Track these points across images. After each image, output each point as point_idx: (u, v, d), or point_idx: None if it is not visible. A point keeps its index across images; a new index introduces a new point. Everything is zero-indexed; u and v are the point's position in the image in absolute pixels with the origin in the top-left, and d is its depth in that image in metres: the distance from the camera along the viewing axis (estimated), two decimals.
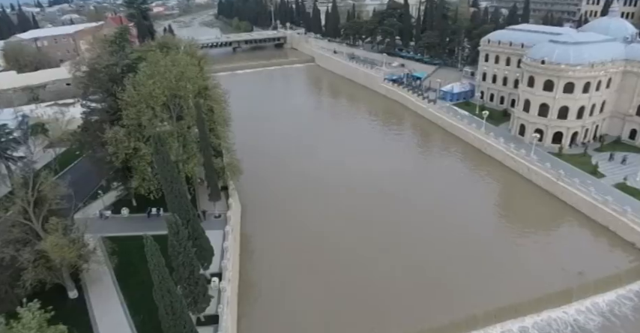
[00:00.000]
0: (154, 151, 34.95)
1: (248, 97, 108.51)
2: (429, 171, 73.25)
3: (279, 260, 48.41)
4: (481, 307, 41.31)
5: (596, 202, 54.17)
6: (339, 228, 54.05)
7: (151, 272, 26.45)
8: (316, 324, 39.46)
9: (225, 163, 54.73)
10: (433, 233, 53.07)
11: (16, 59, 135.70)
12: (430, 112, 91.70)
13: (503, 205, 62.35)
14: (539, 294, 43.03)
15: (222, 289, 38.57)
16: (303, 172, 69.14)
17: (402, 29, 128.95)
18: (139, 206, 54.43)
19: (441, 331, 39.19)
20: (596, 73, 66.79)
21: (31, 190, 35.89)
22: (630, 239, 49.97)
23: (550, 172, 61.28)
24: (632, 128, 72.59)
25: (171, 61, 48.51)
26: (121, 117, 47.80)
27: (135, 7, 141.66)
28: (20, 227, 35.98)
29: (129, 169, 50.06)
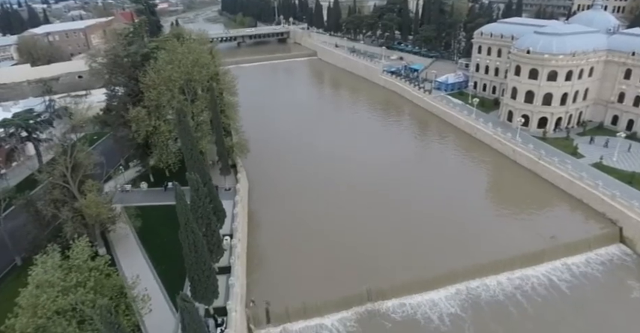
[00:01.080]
0: (176, 122, 40.84)
1: (253, 89, 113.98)
2: (423, 153, 79.18)
3: (282, 227, 54.36)
4: (462, 264, 47.06)
5: (572, 178, 59.79)
6: (338, 201, 59.98)
7: (178, 215, 32.25)
8: (315, 277, 45.25)
9: (234, 142, 60.56)
10: (423, 204, 59.01)
11: (30, 53, 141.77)
12: (426, 102, 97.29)
13: (489, 183, 68.02)
14: (514, 255, 48.76)
15: (234, 246, 44.43)
16: (306, 155, 75.13)
17: (401, 23, 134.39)
18: (156, 181, 60.44)
19: (426, 284, 45.04)
20: (578, 62, 72.20)
21: (69, 157, 41.80)
22: (601, 210, 55.53)
23: (532, 153, 66.91)
24: (614, 114, 77.98)
25: (187, 49, 54.36)
26: (142, 99, 53.72)
27: (143, 2, 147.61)
28: (59, 189, 41.94)
29: (148, 147, 56.00)
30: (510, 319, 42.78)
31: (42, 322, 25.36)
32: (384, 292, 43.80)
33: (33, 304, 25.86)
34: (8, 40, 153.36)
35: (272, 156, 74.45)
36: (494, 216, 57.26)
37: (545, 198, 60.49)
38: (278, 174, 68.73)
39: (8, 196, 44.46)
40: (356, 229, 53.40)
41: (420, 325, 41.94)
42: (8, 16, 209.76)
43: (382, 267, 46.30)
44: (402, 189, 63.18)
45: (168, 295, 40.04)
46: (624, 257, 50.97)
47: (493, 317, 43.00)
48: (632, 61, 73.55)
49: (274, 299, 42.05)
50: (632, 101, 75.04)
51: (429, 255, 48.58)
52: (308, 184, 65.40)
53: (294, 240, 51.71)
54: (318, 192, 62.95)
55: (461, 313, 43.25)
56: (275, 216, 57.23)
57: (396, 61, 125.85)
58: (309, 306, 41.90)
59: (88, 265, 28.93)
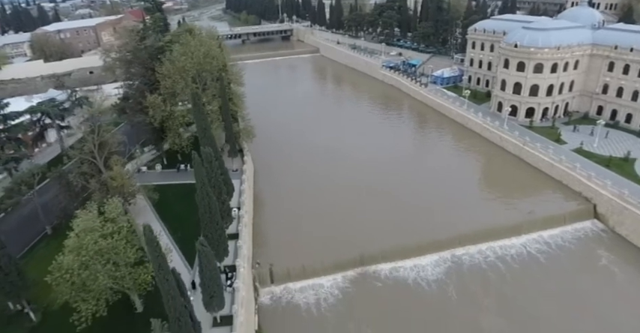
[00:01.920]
0: (192, 104, 46.38)
1: (258, 84, 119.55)
2: (417, 140, 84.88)
3: (284, 203, 60.45)
4: (447, 234, 52.42)
5: (553, 161, 64.99)
6: (336, 179, 65.86)
7: (196, 179, 37.65)
8: (314, 244, 50.72)
9: (240, 128, 66.14)
10: (415, 183, 64.87)
11: (42, 50, 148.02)
12: (422, 94, 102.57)
13: (477, 166, 73.13)
14: (495, 227, 54.07)
15: (241, 216, 49.95)
16: (308, 142, 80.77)
17: (401, 21, 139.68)
18: (169, 164, 66.09)
19: (414, 251, 50.44)
20: (562, 55, 77.26)
21: (96, 135, 47.45)
22: (578, 189, 60.69)
23: (518, 139, 72.12)
24: (598, 105, 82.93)
25: (198, 42, 60.00)
26: (158, 87, 59.39)
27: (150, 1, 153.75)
28: (88, 164, 47.63)
29: (163, 131, 61.67)
30: (489, 283, 48.06)
31: (85, 260, 30.96)
32: (375, 257, 49.26)
33: (77, 247, 31.43)
34: (22, 38, 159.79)
35: (276, 144, 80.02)
36: (479, 194, 62.74)
37: (528, 179, 65.72)
38: (281, 159, 74.35)
39: (41, 171, 50.16)
40: (352, 203, 59.12)
41: (407, 286, 47.34)
42: (19, 15, 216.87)
43: (374, 235, 51.77)
44: (396, 170, 68.86)
45: (183, 256, 45.55)
46: (597, 231, 56.18)
47: (474, 281, 48.30)
48: (615, 55, 78.44)
49: (277, 262, 47.65)
50: (615, 92, 79.93)
51: (417, 226, 54.00)
52: (309, 166, 71.06)
53: (296, 213, 57.36)
54: (318, 173, 68.64)
55: (445, 277, 48.62)
56: (278, 193, 62.88)
57: (395, 57, 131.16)
58: (308, 268, 47.42)
59: (120, 219, 34.53)
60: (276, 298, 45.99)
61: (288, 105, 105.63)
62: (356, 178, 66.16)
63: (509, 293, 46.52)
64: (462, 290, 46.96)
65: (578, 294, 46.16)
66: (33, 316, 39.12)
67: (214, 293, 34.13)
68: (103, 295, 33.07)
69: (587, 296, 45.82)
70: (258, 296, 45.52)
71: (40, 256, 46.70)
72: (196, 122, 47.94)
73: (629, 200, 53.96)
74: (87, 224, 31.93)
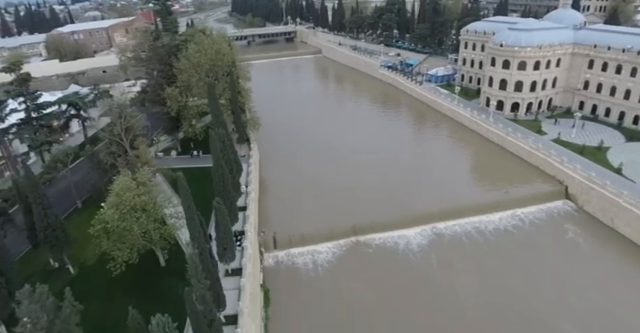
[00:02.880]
0: (208, 94, 53.87)
1: (263, 83, 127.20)
2: (410, 132, 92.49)
3: (287, 182, 68.16)
4: (431, 210, 59.46)
5: (531, 149, 72.00)
6: (333, 165, 73.22)
7: (211, 152, 44.93)
8: (312, 216, 57.97)
9: (247, 119, 73.58)
10: (405, 167, 72.50)
11: (57, 50, 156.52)
12: (416, 92, 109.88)
13: (463, 154, 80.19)
14: (475, 204, 61.05)
15: (249, 192, 57.22)
16: (310, 134, 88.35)
17: (399, 23, 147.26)
18: (183, 151, 73.54)
19: (401, 223, 57.53)
20: (544, 54, 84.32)
21: (123, 120, 54.94)
22: (552, 173, 67.65)
23: (501, 130, 79.19)
24: (580, 100, 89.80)
25: (211, 41, 67.64)
26: (175, 81, 67.00)
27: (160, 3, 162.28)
28: (116, 145, 55.12)
29: (178, 120, 69.21)
30: (466, 252, 54.90)
31: (123, 213, 38.32)
32: (366, 228, 56.40)
33: (117, 203, 38.76)
34: (37, 38, 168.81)
35: (280, 136, 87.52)
36: (463, 177, 69.99)
37: (509, 165, 72.77)
38: (285, 148, 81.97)
39: (73, 152, 57.75)
40: (347, 183, 66.73)
41: (394, 253, 54.35)
42: (32, 17, 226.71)
43: (367, 209, 59.05)
44: (389, 156, 76.42)
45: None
46: (567, 209, 63.05)
47: (453, 250, 55.20)
48: (595, 53, 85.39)
49: (280, 231, 54.91)
50: (595, 88, 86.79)
51: (405, 202, 61.19)
52: (310, 153, 78.80)
53: (296, 192, 64.96)
54: (318, 159, 76.58)
55: (427, 246, 55.59)
56: (280, 176, 70.50)
57: (393, 57, 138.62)
58: (307, 236, 54.62)
59: (149, 183, 41.93)
60: (279, 261, 53.22)
61: (292, 101, 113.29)
62: (352, 163, 73.74)
63: (483, 261, 53.27)
64: (441, 258, 53.81)
65: (544, 261, 52.88)
66: (72, 270, 46.45)
67: (227, 246, 41.32)
68: (136, 245, 40.34)
69: (552, 263, 52.52)
70: (262, 259, 52.69)
71: (74, 226, 54.09)
72: (210, 108, 55.42)
73: (595, 182, 60.82)
74: (124, 184, 39.31)
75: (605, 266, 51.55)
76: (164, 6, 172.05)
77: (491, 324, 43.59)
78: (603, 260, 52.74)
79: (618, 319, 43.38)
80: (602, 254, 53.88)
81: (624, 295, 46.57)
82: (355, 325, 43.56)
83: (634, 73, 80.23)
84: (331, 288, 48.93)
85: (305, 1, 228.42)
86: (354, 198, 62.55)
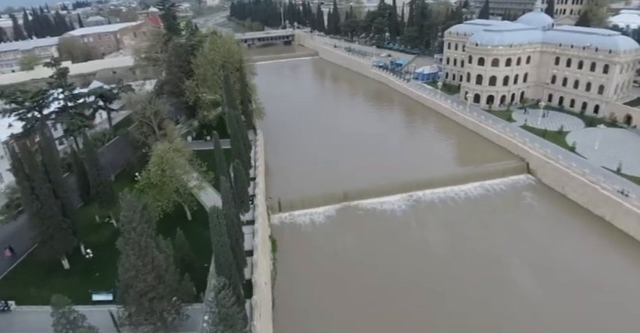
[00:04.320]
0: (224, 83, 65.92)
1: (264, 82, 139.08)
2: (397, 121, 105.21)
3: (288, 159, 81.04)
4: (410, 180, 71.47)
5: (499, 133, 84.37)
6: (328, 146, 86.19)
7: (228, 128, 56.80)
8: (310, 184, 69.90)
9: (253, 108, 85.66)
10: (390, 146, 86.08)
11: (69, 52, 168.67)
12: (404, 88, 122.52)
13: (442, 139, 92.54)
14: (449, 177, 73.13)
15: (257, 166, 69.09)
16: (308, 125, 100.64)
17: (390, 26, 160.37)
18: (198, 136, 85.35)
19: (385, 191, 69.44)
20: (515, 52, 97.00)
21: (152, 105, 66.84)
22: (516, 153, 79.89)
23: (476, 118, 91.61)
24: (549, 93, 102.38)
25: (223, 41, 79.97)
26: (192, 75, 79.09)
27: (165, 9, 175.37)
28: (146, 125, 66.97)
29: (194, 109, 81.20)
30: (439, 214, 66.82)
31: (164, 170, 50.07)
32: (356, 195, 68.33)
33: (159, 162, 50.48)
34: (49, 41, 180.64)
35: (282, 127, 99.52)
36: (441, 155, 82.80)
37: (481, 147, 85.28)
38: (286, 135, 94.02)
39: (108, 133, 69.60)
40: (340, 159, 79.95)
41: (378, 214, 66.25)
42: (40, 21, 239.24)
43: (356, 178, 71.34)
44: (377, 139, 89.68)
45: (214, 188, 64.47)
46: (528, 181, 75.26)
47: (428, 212, 67.11)
48: (560, 51, 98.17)
49: (283, 197, 66.75)
50: (561, 82, 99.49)
51: (389, 175, 73.26)
52: (308, 139, 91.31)
53: (296, 164, 78.36)
54: (316, 142, 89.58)
55: (407, 209, 67.56)
56: (283, 156, 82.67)
57: (384, 58, 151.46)
58: (306, 201, 66.55)
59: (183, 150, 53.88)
60: (283, 220, 65.09)
61: (292, 98, 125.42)
62: (345, 144, 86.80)
63: (452, 220, 65.17)
64: (419, 218, 65.70)
65: (503, 219, 65.12)
66: (115, 224, 57.99)
67: (244, 198, 53.15)
68: (172, 197, 52.06)
69: (510, 220, 64.66)
70: (270, 219, 64.43)
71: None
72: (226, 94, 67.49)
73: (550, 157, 73.08)
74: (164, 147, 51.18)
75: (552, 222, 63.69)
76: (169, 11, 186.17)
77: (456, 261, 55.36)
78: (551, 218, 64.89)
79: (559, 258, 55.11)
80: (551, 213, 66.01)
81: (565, 242, 58.56)
82: (346, 266, 55.10)
83: (593, 67, 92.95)
84: (326, 239, 60.73)
85: (302, 6, 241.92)
86: (346, 171, 74.71)
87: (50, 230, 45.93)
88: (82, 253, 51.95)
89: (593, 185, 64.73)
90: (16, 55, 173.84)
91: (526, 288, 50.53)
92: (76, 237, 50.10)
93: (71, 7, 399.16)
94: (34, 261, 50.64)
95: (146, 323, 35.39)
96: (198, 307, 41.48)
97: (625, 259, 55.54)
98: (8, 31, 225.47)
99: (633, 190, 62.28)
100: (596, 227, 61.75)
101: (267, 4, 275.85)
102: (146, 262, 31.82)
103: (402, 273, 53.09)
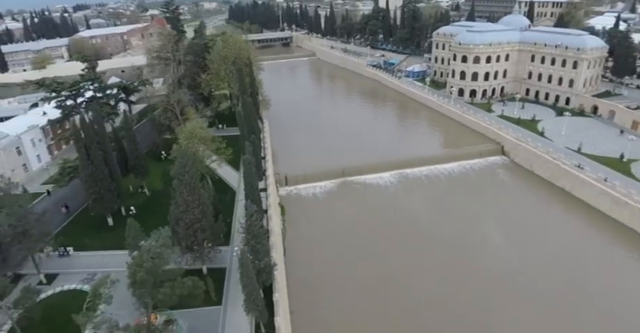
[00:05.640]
0: (237, 74, 77.17)
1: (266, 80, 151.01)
2: (389, 113, 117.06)
3: (291, 142, 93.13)
4: (401, 159, 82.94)
5: (479, 121, 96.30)
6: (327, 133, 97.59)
7: (243, 110, 67.95)
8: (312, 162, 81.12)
9: (260, 99, 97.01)
10: (382, 133, 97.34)
11: (79, 52, 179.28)
12: (396, 85, 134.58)
13: (429, 127, 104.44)
14: (433, 157, 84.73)
15: (266, 147, 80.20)
16: (308, 117, 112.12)
17: (384, 28, 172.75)
18: (209, 125, 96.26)
19: (378, 168, 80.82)
20: (494, 50, 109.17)
21: (174, 94, 77.92)
22: (493, 137, 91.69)
23: (459, 109, 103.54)
24: (526, 88, 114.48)
25: (233, 39, 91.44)
26: (206, 69, 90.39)
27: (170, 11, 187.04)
28: (169, 111, 78.01)
29: (209, 100, 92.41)
30: (424, 187, 78.17)
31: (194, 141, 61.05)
32: (352, 172, 79.65)
33: (189, 136, 61.45)
34: (60, 42, 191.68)
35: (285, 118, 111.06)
36: (427, 140, 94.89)
37: (462, 133, 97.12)
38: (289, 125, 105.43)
39: (134, 119, 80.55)
40: (338, 141, 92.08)
41: (372, 188, 77.56)
42: (45, 23, 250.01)
43: (353, 157, 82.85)
44: (370, 127, 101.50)
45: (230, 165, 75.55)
46: (502, 161, 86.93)
47: (415, 186, 78.47)
48: (535, 49, 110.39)
49: (289, 172, 77.92)
50: (537, 77, 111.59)
51: (382, 155, 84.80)
52: (308, 127, 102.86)
53: (299, 146, 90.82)
54: (314, 128, 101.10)
55: (396, 183, 78.92)
56: (287, 141, 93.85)
57: (378, 58, 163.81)
58: (309, 176, 77.86)
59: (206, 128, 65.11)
60: (289, 192, 76.25)
61: (292, 95, 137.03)
62: (342, 130, 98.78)
63: (435, 192, 76.49)
64: (406, 190, 77.01)
65: (478, 191, 76.45)
66: (147, 192, 68.77)
67: (258, 168, 64.14)
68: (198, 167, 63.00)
69: (484, 192, 76.08)
70: (278, 191, 75.47)
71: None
72: (239, 84, 78.78)
73: (521, 140, 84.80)
74: (194, 124, 62.28)
75: (521, 193, 75.31)
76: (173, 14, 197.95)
77: (436, 223, 66.47)
78: (520, 189, 76.53)
79: (526, 221, 66.24)
80: (520, 186, 77.68)
81: (532, 209, 69.97)
82: (342, 224, 66.18)
83: (564, 64, 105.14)
84: (326, 207, 71.96)
85: (300, 9, 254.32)
86: (344, 152, 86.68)
87: (101, 190, 56.74)
88: (123, 214, 62.70)
89: (556, 161, 76.42)
90: (27, 55, 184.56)
91: (496, 242, 61.56)
92: (119, 199, 60.95)
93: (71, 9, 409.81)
94: (84, 218, 61.58)
95: (190, 253, 46.17)
96: (226, 249, 52.59)
97: (578, 218, 67.11)
98: (16, 33, 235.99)
99: (589, 164, 74.04)
100: (557, 196, 73.30)
101: (266, 8, 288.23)
102: (194, 198, 42.81)
103: (390, 231, 64.15)
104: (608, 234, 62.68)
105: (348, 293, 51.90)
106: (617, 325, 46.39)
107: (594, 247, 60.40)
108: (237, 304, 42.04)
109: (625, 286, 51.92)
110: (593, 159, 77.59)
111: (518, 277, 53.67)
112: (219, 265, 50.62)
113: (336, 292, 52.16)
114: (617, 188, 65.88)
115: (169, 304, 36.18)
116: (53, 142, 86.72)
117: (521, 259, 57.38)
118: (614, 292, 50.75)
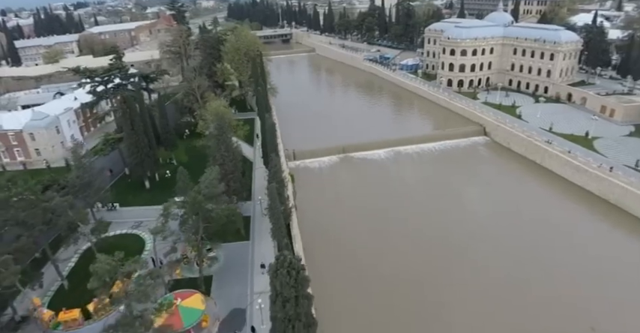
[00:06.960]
0: (252, 64, 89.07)
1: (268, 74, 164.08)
2: (385, 102, 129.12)
3: (297, 124, 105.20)
4: (394, 138, 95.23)
5: (464, 106, 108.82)
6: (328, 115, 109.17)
7: (257, 93, 79.82)
8: (316, 140, 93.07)
9: (269, 87, 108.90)
10: (376, 117, 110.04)
11: (89, 47, 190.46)
12: (391, 77, 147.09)
13: (420, 113, 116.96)
14: (422, 137, 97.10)
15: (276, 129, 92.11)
16: (313, 107, 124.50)
17: (379, 25, 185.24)
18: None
19: (374, 146, 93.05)
20: (480, 44, 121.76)
21: (195, 79, 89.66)
22: (476, 120, 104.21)
23: (447, 97, 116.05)
24: (509, 78, 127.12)
25: (244, 33, 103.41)
26: (220, 60, 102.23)
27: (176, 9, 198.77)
28: (191, 94, 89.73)
29: (222, 88, 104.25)
30: (414, 162, 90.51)
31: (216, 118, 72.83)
32: (352, 148, 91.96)
33: (214, 113, 73.13)
34: (70, 38, 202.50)
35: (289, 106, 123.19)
36: (417, 123, 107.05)
37: (450, 118, 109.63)
38: (293, 112, 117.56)
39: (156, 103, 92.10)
40: (338, 123, 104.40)
41: (369, 162, 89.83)
42: (51, 20, 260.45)
43: (352, 136, 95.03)
44: (366, 114, 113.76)
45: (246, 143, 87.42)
46: (484, 141, 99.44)
47: (406, 161, 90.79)
48: (517, 43, 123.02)
49: (297, 148, 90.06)
50: (518, 69, 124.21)
51: (378, 134, 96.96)
52: (311, 112, 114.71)
53: (305, 127, 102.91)
54: (316, 112, 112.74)
55: (390, 159, 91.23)
56: (292, 123, 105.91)
57: (374, 53, 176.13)
58: (314, 152, 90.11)
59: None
60: (297, 166, 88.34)
61: (293, 87, 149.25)
62: (342, 115, 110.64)
63: (423, 165, 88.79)
64: (399, 164, 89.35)
65: (462, 164, 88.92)
66: (175, 163, 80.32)
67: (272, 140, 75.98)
68: None
69: (467, 165, 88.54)
70: (288, 164, 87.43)
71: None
72: (253, 73, 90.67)
73: (501, 122, 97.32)
74: (218, 102, 74.07)
75: (499, 167, 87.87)
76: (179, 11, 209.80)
77: (424, 190, 78.78)
78: (498, 163, 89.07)
79: (501, 189, 78.57)
80: (498, 161, 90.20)
81: (507, 178, 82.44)
82: (344, 191, 78.25)
83: (542, 56, 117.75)
84: (329, 177, 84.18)
85: (298, 7, 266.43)
86: (345, 131, 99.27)
87: (142, 156, 68.55)
88: (156, 179, 74.32)
89: (529, 138, 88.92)
90: (38, 50, 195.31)
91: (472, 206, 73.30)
92: (155, 165, 72.74)
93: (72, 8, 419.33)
94: (124, 182, 73.42)
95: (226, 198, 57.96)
96: (249, 203, 64.78)
97: (546, 185, 79.47)
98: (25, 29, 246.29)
99: (558, 141, 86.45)
100: (529, 167, 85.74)
101: (265, 6, 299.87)
102: (229, 153, 54.70)
103: (385, 198, 76.04)
104: (570, 194, 75.17)
105: (348, 237, 64.14)
106: (573, 273, 57.68)
107: (559, 206, 72.58)
108: (262, 240, 54.22)
109: (582, 237, 63.80)
110: (563, 137, 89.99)
111: (490, 233, 65.72)
112: (245, 214, 62.61)
113: (340, 237, 64.30)
114: (578, 158, 78.41)
115: (215, 228, 47.86)
116: (84, 124, 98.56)
117: (495, 218, 69.48)
118: (574, 243, 62.25)
